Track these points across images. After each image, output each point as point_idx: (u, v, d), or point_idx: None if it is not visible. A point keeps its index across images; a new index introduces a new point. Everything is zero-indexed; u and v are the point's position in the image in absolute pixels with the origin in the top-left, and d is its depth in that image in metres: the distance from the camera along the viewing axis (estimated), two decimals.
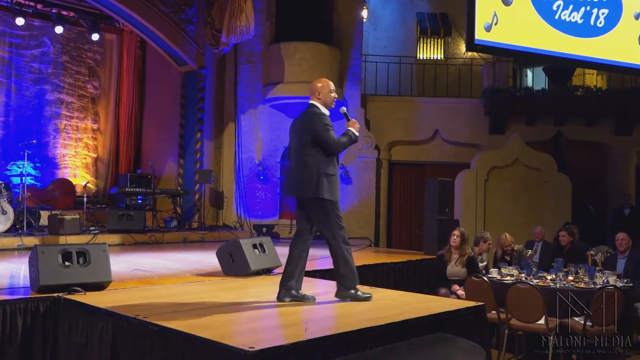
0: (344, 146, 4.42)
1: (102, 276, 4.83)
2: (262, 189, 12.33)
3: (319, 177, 4.32)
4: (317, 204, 4.37)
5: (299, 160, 4.42)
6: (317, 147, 4.35)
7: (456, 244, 7.28)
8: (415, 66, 14.19)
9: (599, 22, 10.89)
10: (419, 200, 12.36)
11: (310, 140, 4.36)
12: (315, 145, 4.35)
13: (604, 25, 10.95)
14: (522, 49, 10.36)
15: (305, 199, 4.43)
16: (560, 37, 10.53)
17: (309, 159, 4.35)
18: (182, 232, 10.69)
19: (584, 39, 10.78)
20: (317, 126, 4.36)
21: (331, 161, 4.39)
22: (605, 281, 6.24)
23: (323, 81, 4.61)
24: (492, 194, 11.29)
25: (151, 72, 14.03)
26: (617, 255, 7.36)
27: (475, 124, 13.07)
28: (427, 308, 4.28)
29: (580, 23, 10.73)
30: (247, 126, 12.38)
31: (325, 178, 4.33)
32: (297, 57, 11.98)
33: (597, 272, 6.44)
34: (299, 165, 4.40)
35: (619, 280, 6.35)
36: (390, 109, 13.04)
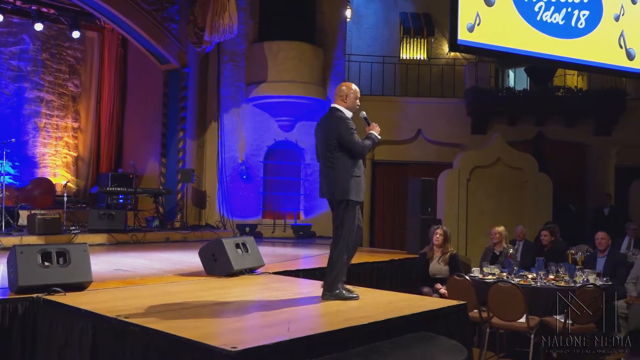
0: (369, 149, 4.57)
1: (83, 276, 4.78)
2: (245, 188, 12.29)
3: (347, 179, 4.46)
4: (344, 205, 4.49)
5: (327, 164, 4.55)
6: (343, 150, 4.48)
7: (439, 242, 7.33)
8: (398, 66, 14.24)
9: (579, 24, 11.02)
10: (402, 199, 12.40)
11: (336, 145, 4.48)
12: (342, 149, 4.48)
13: (585, 27, 11.07)
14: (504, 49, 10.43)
15: (335, 200, 4.55)
16: (542, 38, 10.63)
17: (337, 162, 4.48)
18: (164, 231, 10.62)
19: (565, 40, 10.89)
20: (342, 131, 4.48)
21: (357, 163, 4.52)
22: (585, 280, 6.31)
23: (351, 87, 4.69)
24: (474, 193, 11.36)
25: (133, 70, 13.93)
26: (596, 254, 7.45)
27: (458, 124, 13.15)
28: (409, 307, 4.30)
29: (561, 24, 10.84)
30: (230, 125, 12.33)
31: (352, 180, 4.47)
32: (280, 56, 11.96)
33: (577, 271, 6.51)
34: (329, 168, 4.54)
35: (598, 278, 6.42)
36: (373, 109, 12.93)
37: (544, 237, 8.27)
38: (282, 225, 12.36)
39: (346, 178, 4.44)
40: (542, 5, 10.68)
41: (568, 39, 10.92)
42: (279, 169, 12.59)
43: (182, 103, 12.31)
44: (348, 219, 4.48)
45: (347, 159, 4.47)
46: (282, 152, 12.34)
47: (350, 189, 4.43)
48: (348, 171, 4.46)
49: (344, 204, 4.46)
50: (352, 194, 4.44)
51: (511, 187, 11.43)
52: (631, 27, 11.55)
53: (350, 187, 4.43)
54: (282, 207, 12.57)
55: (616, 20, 11.38)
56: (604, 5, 11.24)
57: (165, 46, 12.04)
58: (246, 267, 5.96)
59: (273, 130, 12.41)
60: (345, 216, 4.47)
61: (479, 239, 10.68)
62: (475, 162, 11.45)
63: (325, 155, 4.54)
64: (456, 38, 9.84)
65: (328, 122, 4.59)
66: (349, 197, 4.44)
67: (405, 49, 15.06)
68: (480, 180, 11.39)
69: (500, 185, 11.40)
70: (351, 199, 4.44)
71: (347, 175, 4.45)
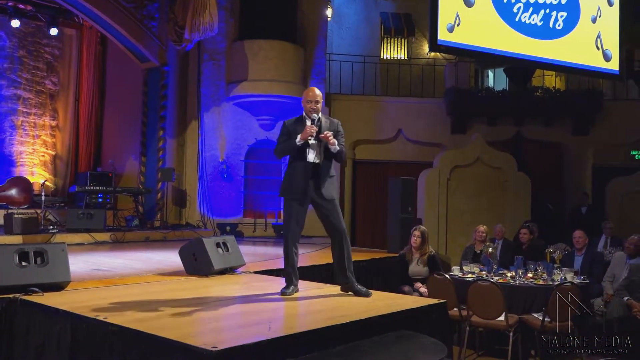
0: (280, 152, 4.84)
1: (61, 276, 4.73)
2: (225, 187, 12.26)
3: (284, 178, 4.86)
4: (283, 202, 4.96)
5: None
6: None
7: (417, 244, 7.35)
8: (379, 65, 14.28)
9: (557, 25, 11.15)
10: (382, 198, 12.45)
11: None
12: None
13: (563, 28, 11.21)
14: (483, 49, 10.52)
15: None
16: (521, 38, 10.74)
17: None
18: (144, 231, 10.58)
19: (543, 40, 11.01)
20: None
21: (292, 163, 4.80)
22: (562, 278, 6.39)
23: (306, 91, 4.88)
24: (454, 192, 11.43)
25: (112, 68, 13.80)
26: (574, 253, 7.55)
27: (438, 124, 13.23)
28: (390, 306, 4.32)
29: (539, 25, 10.96)
30: (210, 124, 12.29)
31: (286, 178, 4.84)
32: (261, 55, 11.94)
33: (555, 269, 6.59)
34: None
35: (576, 277, 6.51)
36: (354, 108, 13.10)
37: (523, 235, 8.35)
38: (263, 225, 12.34)
39: (284, 178, 4.85)
40: (520, 7, 10.79)
41: (546, 39, 11.05)
42: (260, 168, 12.57)
43: (162, 102, 12.22)
44: (284, 215, 4.86)
45: (290, 158, 4.80)
46: (263, 151, 12.32)
47: (282, 186, 4.84)
48: (287, 171, 4.84)
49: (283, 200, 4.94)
50: (281, 192, 4.83)
51: (491, 187, 11.52)
52: (608, 29, 11.73)
53: (282, 184, 4.85)
54: (263, 207, 12.55)
55: (593, 22, 11.54)
56: (581, 7, 11.39)
57: (145, 44, 11.95)
58: (227, 266, 5.95)
59: (254, 129, 12.39)
60: (284, 213, 4.90)
61: (459, 237, 10.76)
62: (455, 162, 11.52)
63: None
64: (436, 38, 9.90)
65: None
66: (281, 194, 4.86)
67: (385, 49, 15.11)
68: (460, 179, 11.46)
69: (480, 185, 11.48)
70: (283, 196, 4.84)
71: (285, 174, 4.86)
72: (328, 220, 4.72)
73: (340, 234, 4.72)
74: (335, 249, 4.77)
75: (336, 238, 4.74)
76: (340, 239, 4.72)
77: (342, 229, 4.72)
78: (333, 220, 4.70)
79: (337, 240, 4.74)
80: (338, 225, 4.71)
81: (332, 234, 4.75)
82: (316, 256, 8.41)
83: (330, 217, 4.70)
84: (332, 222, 4.71)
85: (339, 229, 4.72)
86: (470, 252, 7.86)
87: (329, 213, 4.70)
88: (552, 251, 7.09)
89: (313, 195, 4.70)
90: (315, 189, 4.70)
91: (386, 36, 15.11)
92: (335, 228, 4.72)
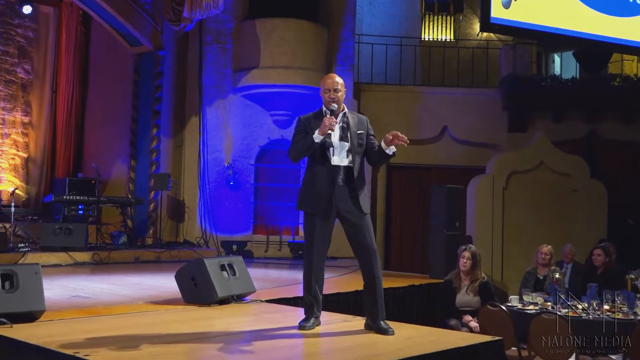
0: (299, 153, 4.80)
1: (34, 304, 4.76)
2: (232, 197, 12.29)
3: (302, 187, 4.89)
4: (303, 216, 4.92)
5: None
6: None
7: (466, 268, 7.31)
8: (419, 49, 14.23)
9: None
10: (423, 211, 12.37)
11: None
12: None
13: None
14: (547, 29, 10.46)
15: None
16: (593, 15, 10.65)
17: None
18: (133, 250, 10.63)
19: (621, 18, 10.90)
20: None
21: (313, 167, 4.80)
22: None
23: (323, 78, 4.93)
24: (511, 204, 11.33)
25: (96, 53, 13.95)
26: None
27: (492, 120, 13.13)
28: (432, 343, 4.29)
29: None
30: (214, 120, 12.34)
31: (303, 187, 4.86)
32: (275, 36, 11.98)
33: (638, 300, 6.48)
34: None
35: None
36: (388, 101, 13.06)
37: (597, 257, 8.23)
38: (277, 243, 12.35)
39: (302, 186, 4.88)
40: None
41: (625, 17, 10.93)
42: (274, 173, 12.60)
43: (156, 93, 12.31)
44: (305, 232, 4.85)
45: (310, 162, 4.83)
46: (277, 153, 12.34)
47: (300, 197, 4.88)
48: (305, 178, 4.86)
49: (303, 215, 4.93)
50: (299, 204, 4.89)
51: (557, 197, 11.41)
52: None
53: (300, 194, 4.89)
54: (278, 221, 12.56)
55: None
56: None
57: (136, 24, 12.07)
58: (233, 293, 5.95)
59: (267, 127, 12.42)
60: (304, 229, 4.89)
61: (517, 260, 10.65)
62: (513, 167, 11.43)
63: None
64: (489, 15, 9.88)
65: None
66: (299, 207, 4.93)
67: (427, 29, 15.08)
68: (519, 188, 11.37)
69: (544, 195, 11.37)
70: (302, 209, 4.89)
71: (303, 182, 4.88)
72: (356, 239, 4.70)
73: (369, 255, 4.68)
74: (364, 272, 4.74)
75: (364, 260, 4.71)
76: (370, 261, 4.69)
77: (372, 249, 4.68)
78: (362, 238, 4.67)
79: (365, 262, 4.71)
80: (367, 245, 4.67)
81: (360, 255, 4.72)
82: (343, 282, 8.38)
83: (360, 235, 4.67)
84: (360, 240, 4.68)
85: (368, 249, 4.68)
86: (531, 278, 7.78)
87: (359, 230, 4.67)
88: (634, 277, 6.98)
89: (340, 207, 4.68)
90: (343, 199, 4.67)
91: (428, 13, 15.06)
92: (363, 248, 4.68)
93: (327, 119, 4.58)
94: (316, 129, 4.61)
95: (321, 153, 4.69)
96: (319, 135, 4.59)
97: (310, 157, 4.77)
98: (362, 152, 4.80)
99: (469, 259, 7.31)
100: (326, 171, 4.68)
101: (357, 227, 4.68)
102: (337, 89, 4.75)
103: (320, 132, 4.59)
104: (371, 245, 4.69)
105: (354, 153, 4.73)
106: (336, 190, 4.67)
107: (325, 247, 4.78)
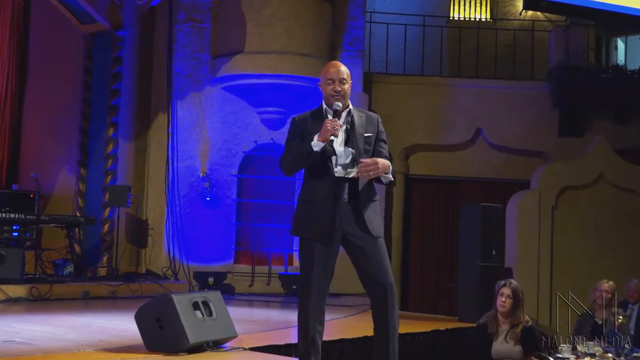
0: (290, 165, 4.83)
1: None
2: (208, 216, 12.25)
3: (298, 205, 4.89)
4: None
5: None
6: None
7: (505, 308, 7.24)
8: (447, 31, 14.26)
9: None
10: (450, 236, 12.35)
11: None
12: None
13: None
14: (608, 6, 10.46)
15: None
16: None
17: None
18: (82, 283, 10.56)
19: None
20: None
21: (312, 179, 4.78)
22: None
23: (325, 66, 4.92)
24: (563, 227, 11.32)
25: (38, 33, 13.93)
26: None
27: (538, 121, 13.15)
28: None
29: None
30: (187, 119, 12.33)
31: (299, 206, 4.87)
32: (266, 14, 11.97)
33: None
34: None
35: None
36: (407, 96, 13.07)
37: None
38: (264, 275, 12.31)
39: (298, 204, 4.88)
40: None
41: None
42: (261, 187, 12.59)
43: (113, 84, 12.28)
44: (301, 261, 4.86)
45: (307, 174, 4.81)
46: (266, 161, 12.34)
47: (294, 219, 4.87)
48: (302, 194, 4.85)
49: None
50: (294, 228, 4.87)
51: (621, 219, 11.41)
52: None
53: (295, 215, 4.88)
54: (266, 247, 12.54)
55: None
56: None
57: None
58: (209, 339, 5.92)
59: (253, 128, 12.41)
60: (300, 258, 4.89)
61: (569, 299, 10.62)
62: (565, 180, 11.43)
63: None
64: None
65: None
66: (293, 232, 4.90)
67: (457, 6, 15.11)
68: (572, 207, 11.37)
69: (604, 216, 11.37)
70: (297, 234, 4.85)
71: (300, 199, 4.87)
72: (366, 270, 4.68)
73: (383, 290, 4.66)
74: (375, 313, 4.73)
75: (377, 297, 4.69)
76: (384, 298, 4.66)
77: (387, 282, 4.66)
78: (374, 269, 4.66)
79: (378, 300, 4.69)
80: (381, 277, 4.66)
81: (372, 291, 4.71)
82: (348, 325, 8.32)
83: (371, 264, 4.66)
84: (372, 272, 4.66)
85: (383, 282, 4.66)
86: (588, 323, 7.75)
87: (370, 258, 4.66)
88: None
89: (346, 230, 4.67)
90: (348, 219, 4.67)
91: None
92: (375, 281, 4.67)
93: (328, 122, 4.55)
94: (315, 133, 4.60)
95: (321, 163, 4.68)
96: (318, 142, 4.57)
97: (308, 168, 4.75)
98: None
99: (509, 297, 7.24)
100: (328, 185, 4.67)
101: (368, 255, 4.66)
102: (343, 80, 4.72)
103: (320, 138, 4.57)
104: (386, 278, 4.66)
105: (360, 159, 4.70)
106: (341, 208, 4.66)
107: (327, 280, 4.75)
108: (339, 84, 4.70)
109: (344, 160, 4.69)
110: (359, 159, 4.67)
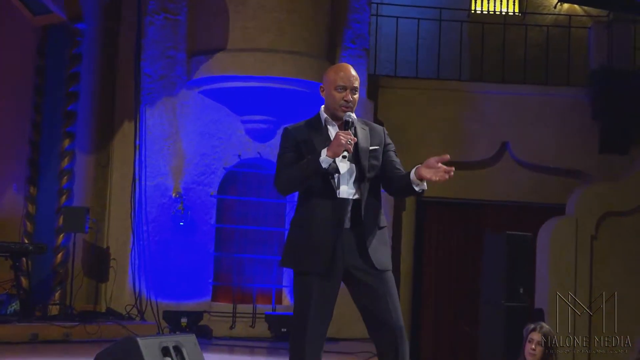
0: (291, 183, 4.80)
1: None
2: (182, 244, 12.24)
3: (290, 231, 4.91)
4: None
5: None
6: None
7: (536, 357, 7.25)
8: (467, 27, 14.32)
9: None
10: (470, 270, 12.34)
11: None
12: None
13: None
14: None
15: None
16: None
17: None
18: (30, 323, 10.55)
19: None
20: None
21: (309, 200, 4.78)
22: None
23: (329, 71, 4.94)
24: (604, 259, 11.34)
25: None
26: None
27: (575, 135, 13.20)
28: None
29: None
30: (157, 128, 12.33)
31: (292, 233, 4.89)
32: (252, 4, 11.99)
33: None
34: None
35: None
36: (419, 103, 13.11)
37: None
38: (249, 316, 12.30)
39: (291, 230, 4.92)
40: None
41: None
42: (245, 210, 12.60)
43: (70, 87, 12.28)
44: (295, 299, 4.83)
45: (303, 195, 4.85)
46: (252, 179, 12.39)
47: (286, 248, 4.94)
48: (295, 218, 4.90)
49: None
50: (286, 258, 4.92)
51: None
52: None
53: (287, 244, 4.95)
54: (251, 281, 12.54)
55: None
56: None
57: None
58: None
59: (237, 139, 12.42)
60: (294, 295, 4.87)
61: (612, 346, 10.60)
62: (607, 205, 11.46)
63: None
64: None
65: None
66: (284, 264, 4.97)
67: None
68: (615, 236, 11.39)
69: None
70: (290, 266, 4.92)
71: (293, 224, 4.91)
72: (371, 310, 4.69)
73: (392, 335, 4.67)
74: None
75: (385, 344, 4.70)
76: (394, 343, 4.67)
77: (396, 326, 4.67)
78: (381, 309, 4.67)
79: (385, 348, 4.70)
80: (390, 320, 4.67)
81: (378, 336, 4.72)
82: None
83: (378, 303, 4.67)
84: (378, 313, 4.68)
85: (392, 326, 4.66)
86: None
87: (376, 296, 4.68)
88: None
89: (349, 263, 4.68)
90: (351, 249, 4.69)
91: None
92: (382, 324, 4.68)
93: (342, 135, 4.54)
94: (317, 146, 4.64)
95: (323, 182, 4.68)
96: (328, 158, 4.55)
97: (306, 186, 4.76)
98: (375, 176, 4.79)
99: (540, 344, 7.25)
100: (329, 208, 4.69)
101: (374, 292, 4.68)
102: (355, 90, 4.78)
103: (330, 153, 4.55)
104: (395, 321, 4.67)
105: (365, 180, 4.73)
106: (343, 236, 4.68)
107: (326, 323, 4.75)
108: (351, 93, 4.74)
109: (348, 179, 4.72)
110: (362, 178, 4.71)
